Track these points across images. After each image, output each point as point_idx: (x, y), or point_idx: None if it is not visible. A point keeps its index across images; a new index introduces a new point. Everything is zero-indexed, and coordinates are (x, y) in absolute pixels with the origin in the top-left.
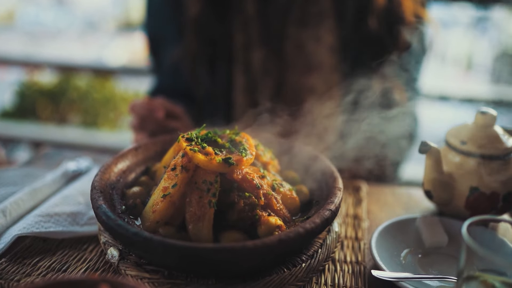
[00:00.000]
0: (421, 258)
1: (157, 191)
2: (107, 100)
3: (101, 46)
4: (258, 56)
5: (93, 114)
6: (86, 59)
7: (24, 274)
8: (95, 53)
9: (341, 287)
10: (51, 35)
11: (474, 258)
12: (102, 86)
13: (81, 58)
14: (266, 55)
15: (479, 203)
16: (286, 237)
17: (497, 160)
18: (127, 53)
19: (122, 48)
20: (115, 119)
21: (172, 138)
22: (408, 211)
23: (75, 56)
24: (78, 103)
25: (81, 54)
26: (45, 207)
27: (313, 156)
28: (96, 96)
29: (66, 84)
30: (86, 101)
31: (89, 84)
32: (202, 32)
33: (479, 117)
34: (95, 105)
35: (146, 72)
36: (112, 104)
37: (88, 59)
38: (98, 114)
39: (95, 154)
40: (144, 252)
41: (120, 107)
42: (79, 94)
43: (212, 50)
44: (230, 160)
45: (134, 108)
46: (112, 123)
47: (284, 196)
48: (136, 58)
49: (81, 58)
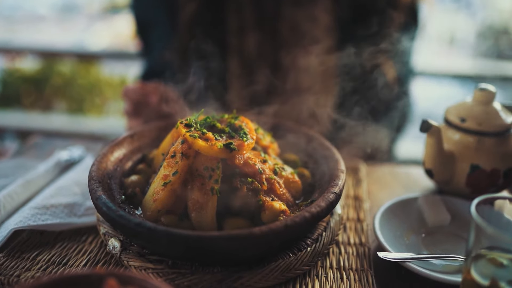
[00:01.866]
0: (424, 238)
1: (157, 179)
2: (92, 86)
3: (83, 30)
4: (252, 39)
5: (79, 100)
6: (68, 44)
7: (23, 269)
8: (77, 38)
9: (346, 269)
10: (30, 19)
11: (482, 237)
12: (87, 72)
13: (63, 43)
14: (261, 38)
15: (479, 180)
16: (293, 222)
17: (497, 136)
18: (110, 36)
19: (106, 32)
20: (101, 105)
21: (169, 124)
22: (408, 191)
23: (57, 41)
24: (63, 90)
25: (63, 39)
26: (41, 199)
27: (312, 137)
28: (81, 82)
29: (49, 71)
30: (71, 87)
31: (73, 70)
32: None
33: (478, 94)
34: (80, 91)
35: (132, 56)
36: (97, 90)
37: (71, 43)
38: (84, 100)
39: (87, 142)
40: (148, 242)
41: (106, 92)
42: (64, 80)
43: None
44: (231, 145)
45: (128, 93)
46: (98, 109)
47: (287, 180)
48: (120, 42)
49: (63, 43)
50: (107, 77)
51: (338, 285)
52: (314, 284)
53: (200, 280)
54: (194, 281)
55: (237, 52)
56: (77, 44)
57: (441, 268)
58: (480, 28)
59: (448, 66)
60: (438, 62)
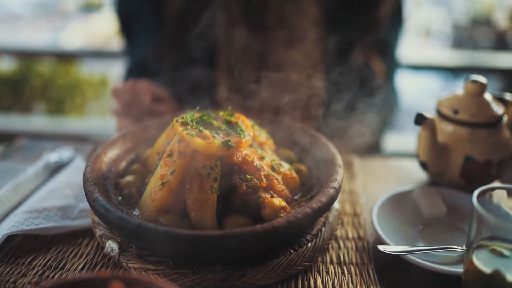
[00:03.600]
0: (422, 230)
1: (154, 179)
2: (72, 86)
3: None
4: (240, 33)
5: (59, 101)
6: (44, 43)
7: (19, 275)
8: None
9: (347, 264)
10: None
11: (483, 227)
12: (66, 72)
13: (39, 42)
14: (248, 31)
15: (473, 171)
16: (295, 218)
17: (490, 127)
18: (86, 35)
19: (81, 31)
20: (82, 105)
21: (161, 123)
22: (402, 183)
23: (33, 41)
24: (42, 91)
25: (39, 38)
26: (32, 202)
27: (306, 132)
28: (60, 82)
29: (27, 71)
30: (51, 88)
31: (52, 70)
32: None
33: (469, 85)
34: (60, 92)
35: (112, 54)
36: (78, 90)
37: (47, 43)
38: (64, 100)
39: (75, 143)
40: (149, 243)
41: (87, 92)
42: (43, 81)
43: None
44: (229, 142)
45: (118, 92)
46: (79, 110)
47: (285, 176)
48: (96, 41)
49: (39, 43)
50: (87, 76)
51: (340, 280)
52: (316, 280)
53: (202, 279)
54: (196, 281)
55: (225, 46)
56: (53, 44)
57: (440, 260)
58: (458, 19)
59: (425, 58)
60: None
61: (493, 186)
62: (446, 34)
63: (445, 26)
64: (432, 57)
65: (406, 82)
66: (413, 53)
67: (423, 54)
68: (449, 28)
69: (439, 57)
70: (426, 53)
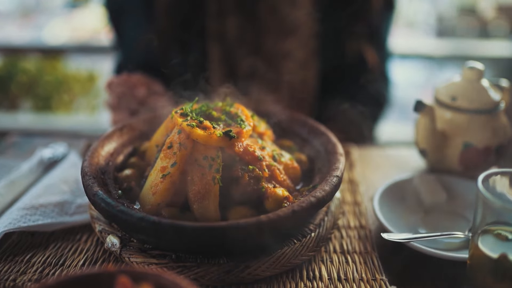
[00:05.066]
0: (423, 217)
1: (155, 172)
2: (59, 82)
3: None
4: (232, 23)
5: (46, 98)
6: (31, 40)
7: (19, 273)
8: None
9: (350, 253)
10: None
11: (488, 212)
12: (53, 68)
13: (24, 39)
14: (241, 22)
15: (472, 157)
16: (300, 207)
17: (488, 113)
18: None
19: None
20: (70, 102)
21: (157, 116)
22: (400, 172)
23: (18, 37)
24: (29, 87)
25: (23, 35)
26: (28, 199)
27: (305, 122)
28: (47, 79)
29: (13, 68)
30: (37, 85)
31: (39, 67)
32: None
33: (467, 72)
34: (48, 88)
35: (100, 50)
36: (65, 86)
37: (34, 39)
38: (52, 97)
39: (69, 139)
40: (153, 237)
41: (74, 88)
42: (29, 77)
43: (186, 29)
44: (230, 133)
45: (112, 85)
46: (67, 106)
47: (286, 166)
48: (81, 36)
49: (25, 39)
50: (75, 72)
51: (344, 269)
52: (320, 270)
53: (206, 272)
54: (200, 274)
55: (217, 37)
56: (42, 40)
57: (444, 246)
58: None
59: (410, 47)
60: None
61: (497, 171)
62: (430, 25)
63: (429, 17)
64: (417, 47)
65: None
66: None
67: (408, 43)
68: (434, 19)
69: (424, 46)
70: (411, 43)
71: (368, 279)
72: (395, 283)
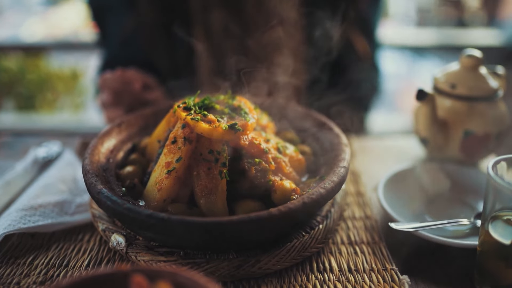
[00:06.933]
0: (428, 206)
1: (159, 168)
2: (42, 81)
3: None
4: (218, 17)
5: (29, 97)
6: (9, 38)
7: (22, 275)
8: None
9: (358, 243)
10: None
11: (498, 198)
12: (36, 66)
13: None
14: (226, 15)
15: (473, 145)
16: (310, 199)
17: (487, 100)
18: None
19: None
20: (53, 100)
21: (155, 111)
22: (400, 161)
23: None
24: (11, 87)
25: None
26: (26, 199)
27: (306, 114)
28: (30, 77)
29: None
30: (20, 84)
31: (20, 65)
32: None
33: (465, 60)
34: (30, 87)
35: (84, 47)
36: (49, 85)
37: (11, 38)
38: (35, 96)
39: (62, 137)
40: (162, 234)
41: (58, 86)
42: (10, 76)
43: (169, 17)
44: (236, 126)
45: (106, 82)
46: (51, 105)
47: (291, 158)
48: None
49: (2, 37)
50: (58, 70)
51: (354, 260)
52: (330, 261)
53: (217, 268)
54: (210, 270)
55: (203, 32)
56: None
57: (451, 234)
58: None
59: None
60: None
61: (506, 157)
62: (410, 16)
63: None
64: (398, 37)
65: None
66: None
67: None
68: (413, 10)
69: (405, 36)
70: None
71: (378, 269)
72: (405, 272)
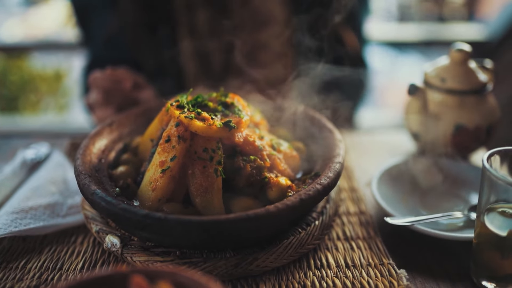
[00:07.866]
0: (421, 199)
1: (153, 167)
2: (25, 82)
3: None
4: (203, 17)
5: (11, 98)
6: None
7: (15, 280)
8: None
9: (354, 239)
10: None
11: (493, 190)
12: (18, 68)
13: None
14: (212, 14)
15: (464, 138)
16: (307, 195)
17: (477, 94)
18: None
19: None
20: (37, 102)
21: (146, 110)
22: (391, 156)
23: None
24: None
25: None
26: (16, 202)
27: (297, 110)
28: (12, 79)
29: None
30: (2, 85)
31: (2, 66)
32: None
33: (455, 54)
34: (12, 89)
35: (67, 47)
36: (32, 86)
37: None
38: (17, 97)
39: (50, 139)
40: (158, 234)
41: (41, 87)
42: None
43: (152, 15)
44: (230, 123)
45: (96, 81)
46: (34, 106)
47: (286, 155)
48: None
49: None
50: (41, 71)
51: (351, 255)
52: (327, 257)
53: (214, 267)
54: (208, 269)
55: (188, 31)
56: None
57: (446, 227)
58: None
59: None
60: None
61: (500, 150)
62: (391, 12)
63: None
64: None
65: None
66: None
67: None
68: (394, 6)
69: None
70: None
71: (375, 264)
72: (402, 266)
